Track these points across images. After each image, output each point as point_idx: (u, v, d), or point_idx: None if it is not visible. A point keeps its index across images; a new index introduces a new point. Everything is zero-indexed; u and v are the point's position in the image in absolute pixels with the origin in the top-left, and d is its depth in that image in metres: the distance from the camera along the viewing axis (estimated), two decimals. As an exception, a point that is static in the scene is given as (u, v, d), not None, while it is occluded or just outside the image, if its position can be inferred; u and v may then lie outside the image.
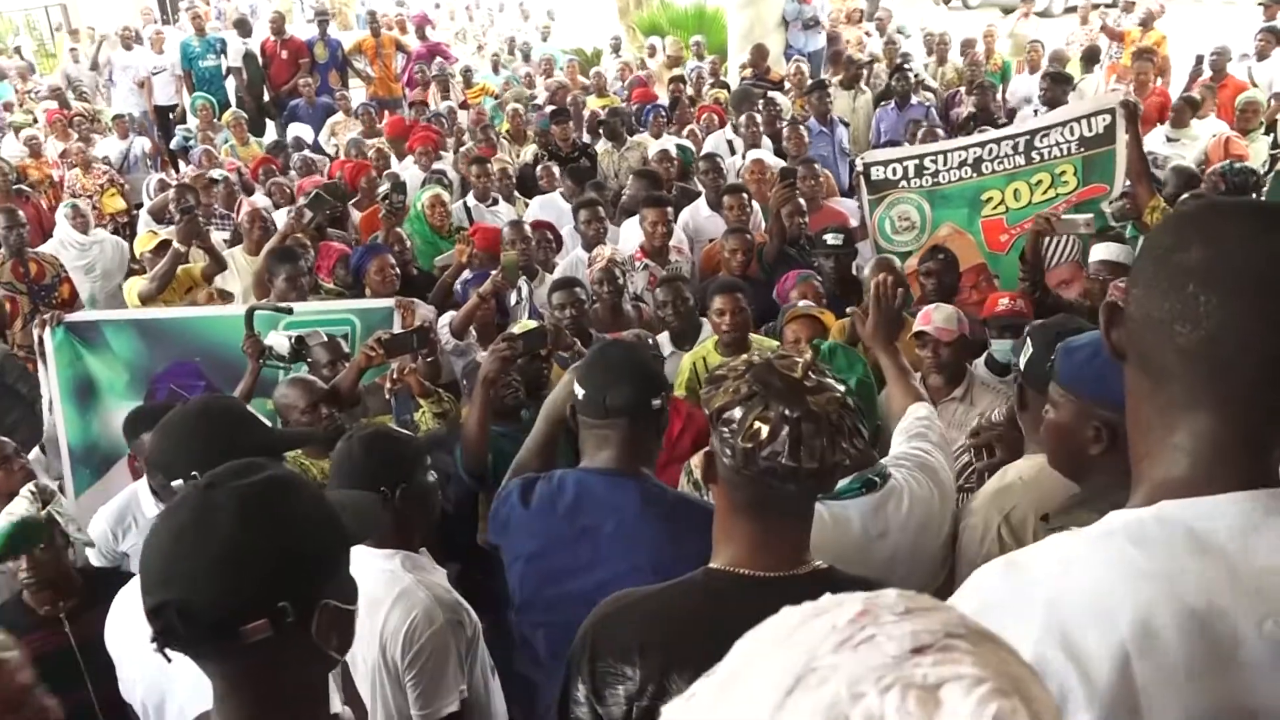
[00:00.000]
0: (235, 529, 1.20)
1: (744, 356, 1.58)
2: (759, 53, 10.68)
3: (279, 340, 3.84)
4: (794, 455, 1.43)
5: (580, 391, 2.14)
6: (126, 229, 7.99)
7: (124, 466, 4.21)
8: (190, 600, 1.17)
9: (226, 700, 1.26)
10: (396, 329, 4.35)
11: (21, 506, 2.75)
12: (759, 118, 7.63)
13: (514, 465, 2.50)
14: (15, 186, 8.03)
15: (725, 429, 1.49)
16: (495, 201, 6.87)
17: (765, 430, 1.44)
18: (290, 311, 4.22)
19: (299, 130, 9.50)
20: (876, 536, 2.01)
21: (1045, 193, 4.96)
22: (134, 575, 3.19)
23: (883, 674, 0.63)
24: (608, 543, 2.06)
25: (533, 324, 3.55)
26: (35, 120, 9.84)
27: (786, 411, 1.44)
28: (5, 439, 3.69)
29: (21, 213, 6.67)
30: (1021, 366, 2.26)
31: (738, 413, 1.47)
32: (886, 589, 0.75)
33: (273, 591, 1.20)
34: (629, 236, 5.81)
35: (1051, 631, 0.97)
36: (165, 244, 5.52)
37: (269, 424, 2.15)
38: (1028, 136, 5.00)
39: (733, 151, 7.56)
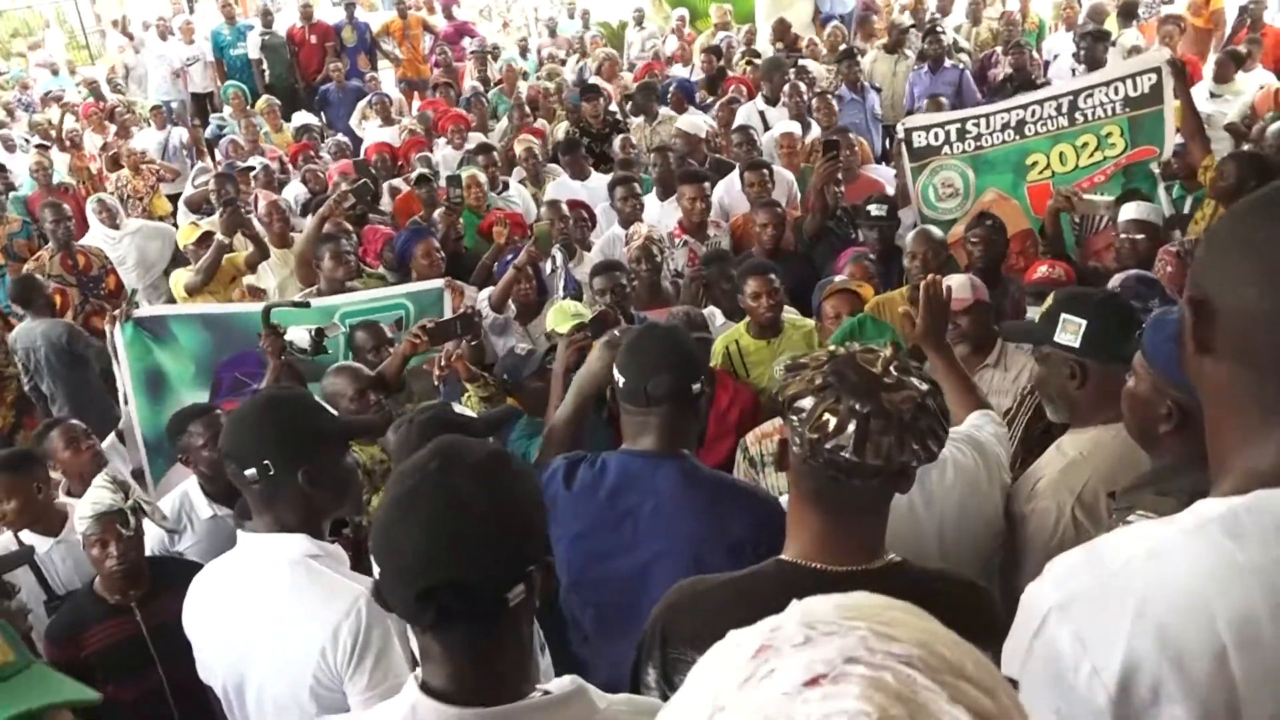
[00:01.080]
0: (489, 503, 1.25)
1: (830, 348, 1.58)
2: (781, 27, 10.52)
3: (299, 334, 3.94)
4: (859, 450, 1.42)
5: (621, 380, 2.14)
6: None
7: None
8: (465, 578, 1.22)
9: (475, 667, 1.28)
10: (448, 310, 4.41)
11: (104, 496, 2.82)
12: (802, 88, 7.49)
13: (544, 435, 2.55)
14: (58, 181, 8.18)
15: (795, 417, 1.49)
16: (506, 186, 6.86)
17: (833, 422, 1.44)
18: (308, 305, 4.32)
19: (304, 119, 9.42)
20: (922, 505, 2.02)
21: (1092, 155, 4.87)
22: (195, 563, 3.29)
23: (772, 714, 0.61)
24: (648, 523, 2.07)
25: (587, 312, 3.59)
26: (51, 122, 9.88)
27: (857, 406, 1.43)
28: (76, 422, 3.77)
29: (67, 206, 6.79)
30: (1075, 343, 2.20)
31: (809, 402, 1.47)
32: (788, 618, 0.74)
33: (526, 556, 1.27)
34: (653, 213, 5.78)
35: (1145, 628, 0.97)
36: (207, 235, 5.60)
37: (334, 412, 2.18)
38: (1071, 97, 4.90)
39: (765, 123, 7.49)
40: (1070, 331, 2.18)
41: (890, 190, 5.52)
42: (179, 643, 2.91)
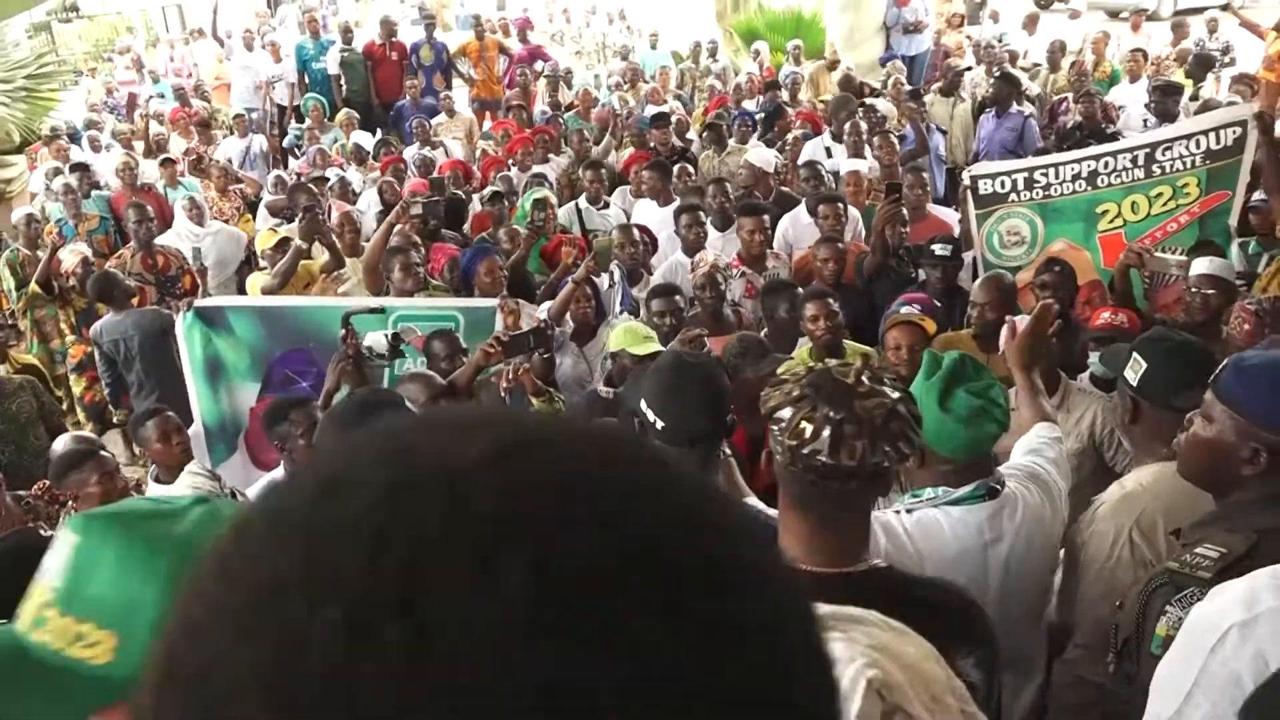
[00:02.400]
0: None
1: (810, 364, 1.68)
2: (847, 83, 10.59)
3: (377, 339, 4.04)
4: (833, 453, 1.52)
5: (659, 422, 2.16)
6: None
7: (241, 442, 4.46)
8: None
9: None
10: (498, 328, 4.51)
11: (203, 484, 2.95)
12: (862, 126, 7.58)
13: None
14: (141, 182, 8.48)
15: (775, 427, 1.60)
16: (606, 204, 6.98)
17: (810, 429, 1.54)
18: (381, 311, 4.42)
19: (360, 138, 9.51)
20: (992, 542, 2.06)
21: (1165, 205, 4.82)
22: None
23: None
24: None
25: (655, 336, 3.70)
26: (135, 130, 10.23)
27: (830, 413, 1.54)
28: (172, 414, 3.90)
29: (150, 207, 7.05)
30: (1134, 381, 2.26)
31: (788, 412, 1.58)
32: None
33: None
34: (711, 243, 5.84)
35: None
36: (285, 241, 5.79)
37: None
38: (1148, 150, 4.85)
39: (830, 158, 7.55)
40: (1134, 370, 2.26)
41: (955, 230, 5.56)
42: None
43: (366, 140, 9.39)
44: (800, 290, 4.49)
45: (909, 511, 2.03)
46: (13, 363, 5.72)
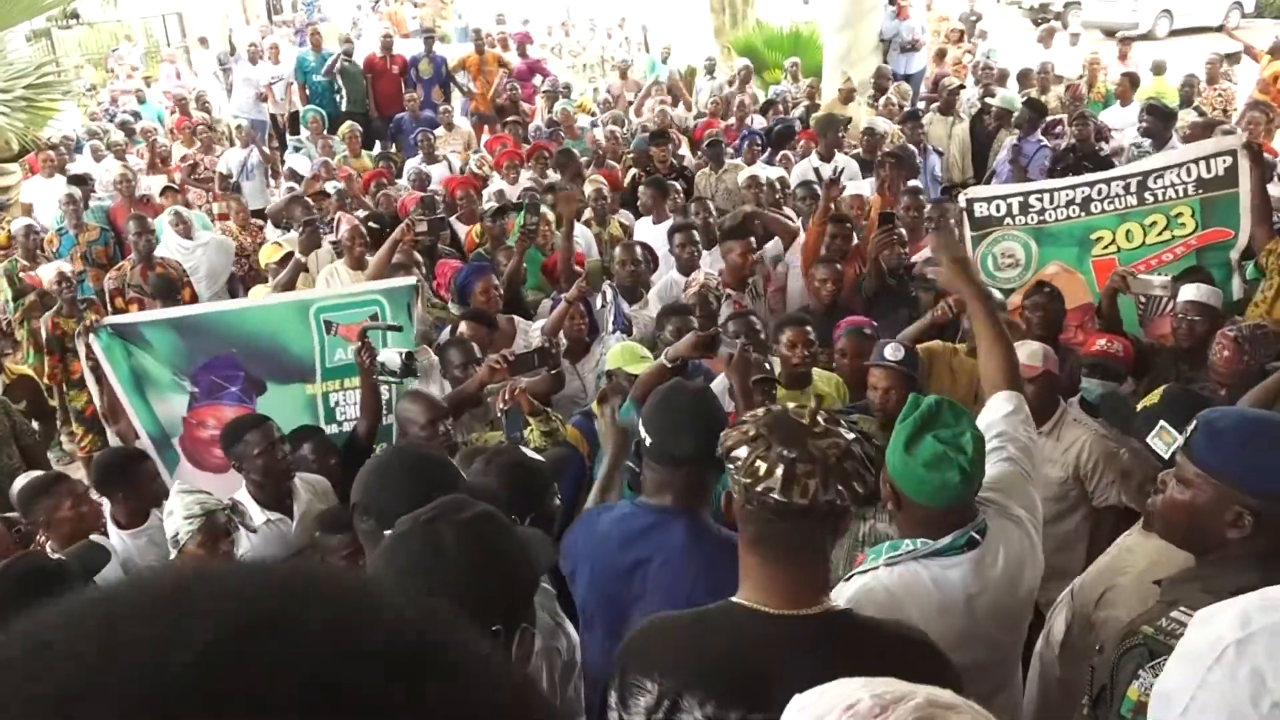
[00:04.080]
0: (463, 557, 1.34)
1: (764, 407, 1.71)
2: (847, 97, 10.65)
3: (391, 357, 4.06)
4: (785, 491, 1.54)
5: (647, 439, 2.22)
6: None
7: (178, 447, 4.44)
8: None
9: None
10: (416, 311, 4.56)
11: (206, 499, 2.96)
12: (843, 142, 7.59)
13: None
14: (141, 194, 8.49)
15: (732, 465, 1.62)
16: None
17: (764, 467, 1.57)
18: (400, 329, 4.42)
19: (293, 162, 9.44)
20: (977, 594, 2.03)
21: (1160, 234, 4.86)
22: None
23: None
24: (654, 575, 2.18)
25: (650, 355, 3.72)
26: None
27: (784, 451, 1.56)
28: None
29: (150, 219, 7.07)
30: (1166, 454, 2.21)
31: (744, 451, 1.60)
32: (857, 688, 0.86)
33: (493, 614, 1.34)
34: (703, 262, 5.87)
35: None
36: (289, 255, 5.82)
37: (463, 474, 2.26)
38: (1140, 177, 4.90)
39: (819, 178, 7.55)
40: (1164, 441, 2.19)
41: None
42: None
43: (303, 163, 9.25)
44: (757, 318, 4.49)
45: (890, 565, 2.02)
46: (8, 373, 5.72)
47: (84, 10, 18.88)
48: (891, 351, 3.66)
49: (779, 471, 1.55)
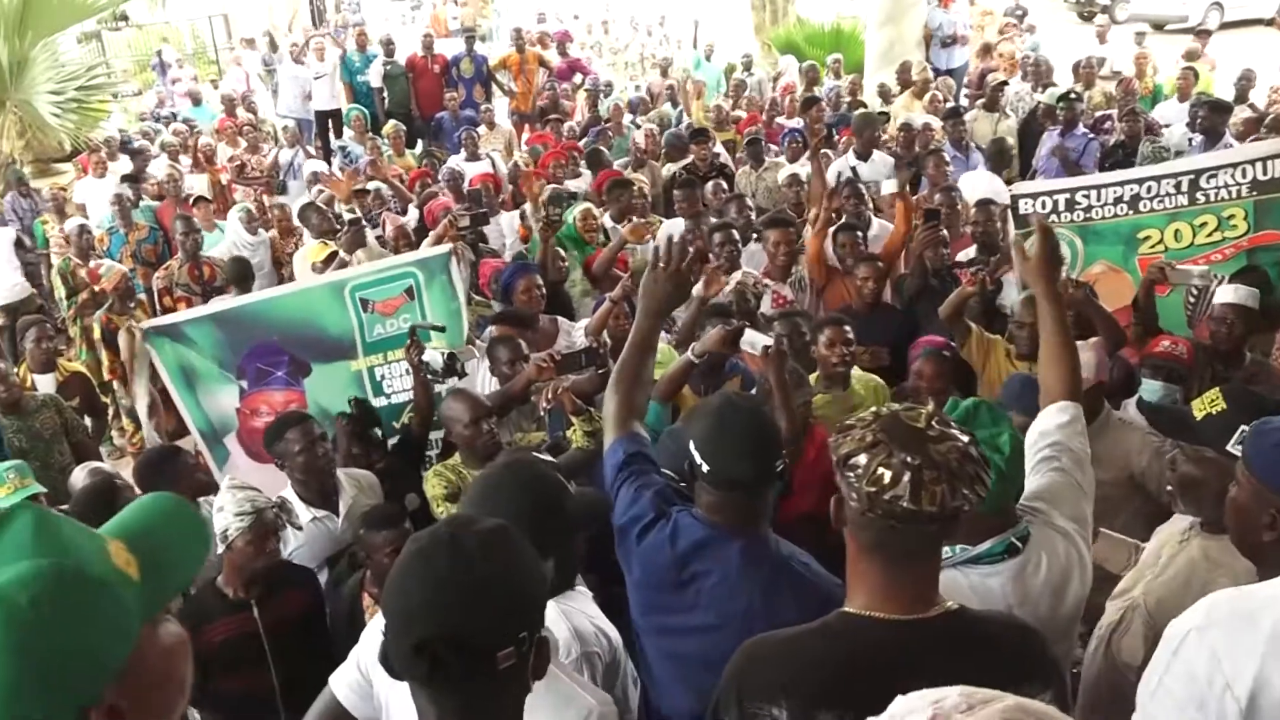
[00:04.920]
0: (490, 568, 1.36)
1: (873, 409, 1.68)
2: (904, 69, 10.59)
3: (434, 357, 4.11)
4: (915, 499, 1.52)
5: (705, 466, 2.17)
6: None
7: (234, 441, 4.51)
8: (460, 632, 1.32)
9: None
10: (455, 279, 4.58)
11: (256, 496, 3.02)
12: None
13: (615, 371, 2.47)
14: (186, 194, 8.64)
15: (851, 474, 1.58)
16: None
17: (888, 475, 1.54)
18: (444, 329, 4.46)
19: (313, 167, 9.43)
20: (1018, 604, 2.00)
21: (1210, 235, 4.74)
22: (305, 567, 3.46)
23: None
24: (710, 591, 2.15)
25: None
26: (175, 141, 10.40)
27: (908, 458, 1.53)
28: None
29: (197, 219, 7.20)
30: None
31: (863, 459, 1.57)
32: (950, 690, 0.86)
33: (519, 623, 1.36)
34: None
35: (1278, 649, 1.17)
36: (334, 255, 5.90)
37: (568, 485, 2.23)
38: (1192, 176, 4.78)
39: (856, 176, 7.45)
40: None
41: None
42: (292, 642, 3.12)
43: (321, 166, 9.34)
44: (806, 320, 4.47)
45: None
46: (62, 370, 5.84)
47: (133, 12, 19.22)
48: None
49: (906, 478, 1.52)
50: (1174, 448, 2.41)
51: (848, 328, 4.11)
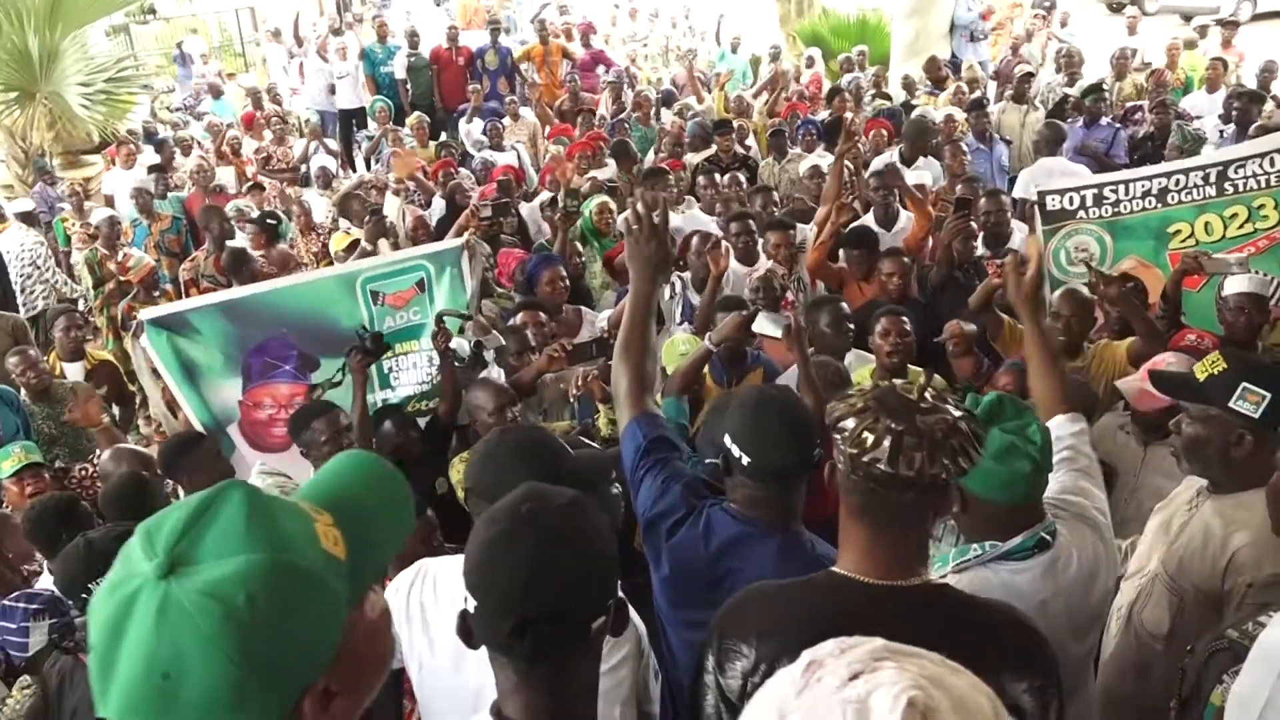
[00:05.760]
0: (579, 542, 1.38)
1: (874, 383, 1.72)
2: (932, 64, 10.52)
3: (461, 345, 4.12)
4: (892, 463, 1.57)
5: (744, 458, 2.16)
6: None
7: (236, 431, 4.51)
8: (561, 608, 1.35)
9: (552, 697, 1.38)
10: (466, 271, 4.57)
11: (280, 483, 3.04)
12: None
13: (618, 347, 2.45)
14: (214, 184, 8.71)
15: (838, 436, 1.66)
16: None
17: (871, 439, 1.59)
18: (470, 319, 4.45)
19: (467, 130, 9.89)
20: (1048, 599, 2.01)
21: (1241, 227, 4.68)
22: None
23: (830, 703, 0.84)
24: (745, 585, 2.12)
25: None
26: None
27: (893, 425, 1.59)
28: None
29: (226, 210, 7.25)
30: (1256, 412, 2.25)
31: (851, 423, 1.63)
32: (826, 641, 0.95)
33: (609, 590, 1.40)
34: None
35: None
36: (356, 243, 5.93)
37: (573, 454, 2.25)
38: (1220, 167, 4.73)
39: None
40: (1251, 401, 2.24)
41: (1017, 240, 5.50)
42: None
43: (330, 163, 9.41)
44: (844, 305, 4.47)
45: (959, 572, 2.00)
46: (90, 359, 5.90)
47: (160, 5, 19.35)
48: None
49: (886, 443, 1.58)
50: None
51: (905, 319, 4.08)
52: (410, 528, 1.17)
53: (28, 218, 7.83)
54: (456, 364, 4.16)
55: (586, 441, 2.93)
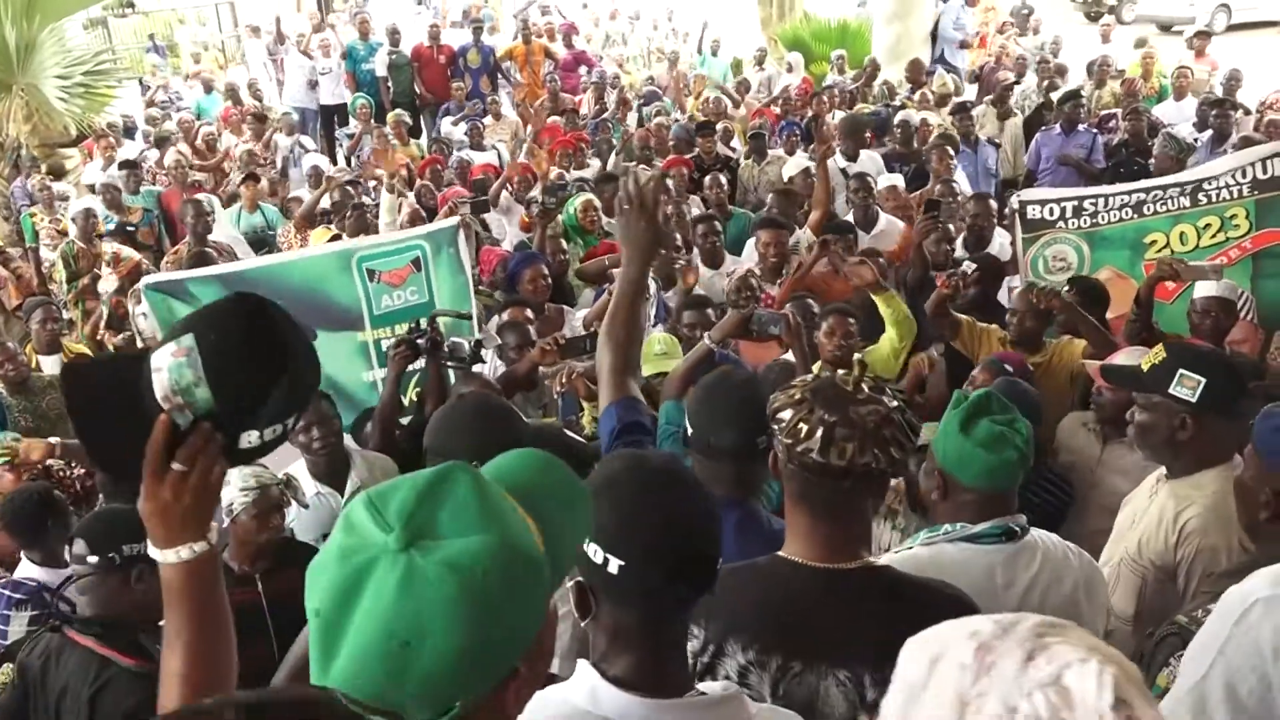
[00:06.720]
0: (699, 485, 1.47)
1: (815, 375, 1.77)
2: (914, 68, 10.62)
3: (460, 344, 4.10)
4: (824, 453, 1.62)
5: (689, 429, 2.26)
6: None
7: None
8: (708, 548, 1.40)
9: (655, 654, 1.39)
10: (462, 248, 4.59)
11: (262, 473, 3.03)
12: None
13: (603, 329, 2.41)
14: (192, 179, 8.66)
15: (776, 426, 1.71)
16: None
17: (804, 429, 1.65)
18: (469, 317, 4.46)
19: (449, 131, 9.87)
20: (1003, 587, 2.03)
21: (1214, 236, 4.80)
22: (310, 545, 3.48)
23: (1020, 687, 0.80)
24: None
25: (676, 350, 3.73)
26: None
27: (826, 415, 1.64)
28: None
29: (205, 203, 7.21)
30: (1193, 397, 2.36)
31: (788, 414, 1.68)
32: (972, 618, 0.91)
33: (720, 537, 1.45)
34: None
35: None
36: (338, 238, 5.91)
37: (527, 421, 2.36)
38: (1195, 183, 4.87)
39: (845, 178, 7.41)
40: (1188, 386, 2.35)
41: (998, 245, 5.58)
42: (294, 616, 3.13)
43: (323, 161, 9.14)
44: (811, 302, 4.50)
45: (926, 545, 2.04)
46: (66, 351, 5.86)
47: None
48: None
49: (819, 434, 1.62)
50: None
51: (851, 320, 4.11)
52: (588, 531, 1.22)
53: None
54: (455, 363, 4.15)
55: (574, 437, 2.95)
